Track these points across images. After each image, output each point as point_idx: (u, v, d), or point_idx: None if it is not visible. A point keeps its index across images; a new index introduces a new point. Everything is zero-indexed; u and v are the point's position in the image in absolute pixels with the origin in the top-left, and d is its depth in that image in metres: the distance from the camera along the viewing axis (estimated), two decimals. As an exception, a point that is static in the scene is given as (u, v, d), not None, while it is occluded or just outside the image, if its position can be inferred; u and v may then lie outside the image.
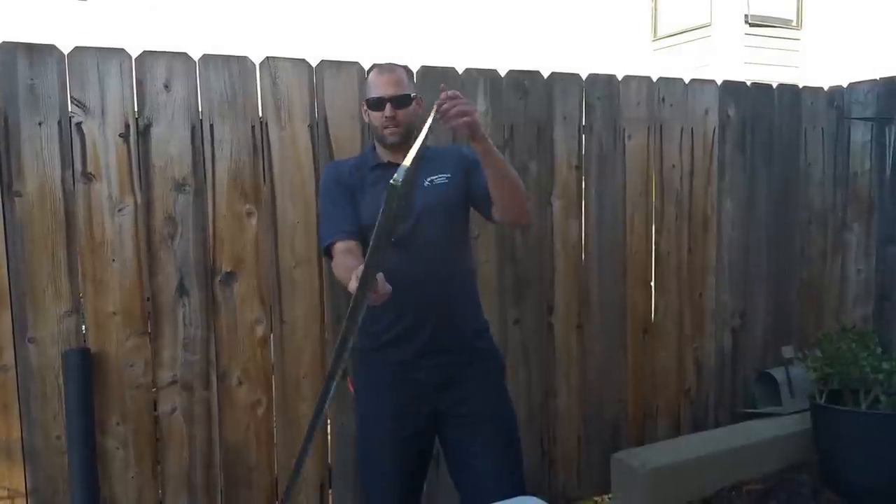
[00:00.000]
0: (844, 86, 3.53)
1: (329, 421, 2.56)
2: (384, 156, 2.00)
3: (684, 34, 7.74)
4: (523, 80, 2.79)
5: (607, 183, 3.01)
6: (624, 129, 3.03)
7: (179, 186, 2.27)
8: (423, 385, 1.96)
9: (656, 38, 8.17)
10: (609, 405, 3.09)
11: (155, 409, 2.30)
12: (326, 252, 1.96)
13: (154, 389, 2.29)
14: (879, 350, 2.94)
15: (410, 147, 1.97)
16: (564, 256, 2.92)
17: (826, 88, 3.55)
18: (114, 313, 2.21)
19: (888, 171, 3.33)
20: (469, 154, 2.07)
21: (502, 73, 2.76)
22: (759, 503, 2.87)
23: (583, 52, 7.50)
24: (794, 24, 7.56)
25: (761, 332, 3.48)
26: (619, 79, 3.02)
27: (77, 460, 2.13)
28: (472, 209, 2.05)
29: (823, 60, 7.33)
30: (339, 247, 1.89)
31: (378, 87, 1.93)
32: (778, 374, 3.37)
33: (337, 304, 2.51)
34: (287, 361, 2.47)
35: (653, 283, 3.18)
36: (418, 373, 1.96)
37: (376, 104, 1.92)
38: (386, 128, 1.93)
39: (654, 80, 3.12)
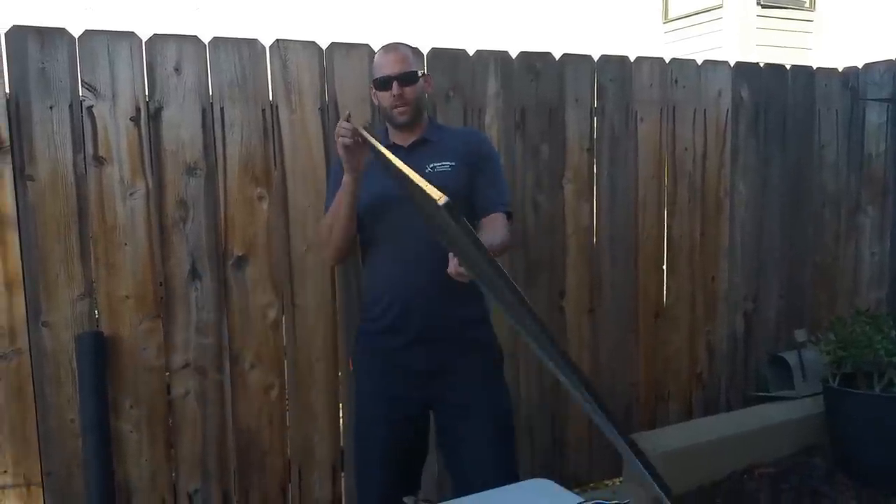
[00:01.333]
0: (859, 67, 3.49)
1: (341, 404, 2.56)
2: (393, 137, 1.99)
3: (696, 16, 7.66)
4: (535, 62, 2.77)
5: (619, 166, 2.99)
6: (636, 112, 3.00)
7: (191, 170, 2.26)
8: (416, 372, 1.96)
9: (667, 21, 8.09)
10: (621, 389, 3.08)
11: (168, 393, 2.31)
12: None
13: (167, 373, 2.30)
14: (894, 333, 2.92)
15: (415, 129, 1.96)
16: (576, 240, 2.90)
17: (840, 70, 3.50)
18: (126, 297, 2.21)
19: (903, 153, 3.30)
20: (482, 146, 2.06)
21: (513, 54, 2.74)
22: (771, 486, 2.86)
23: (594, 35, 7.42)
24: (807, 4, 7.47)
25: (774, 315, 3.46)
26: (632, 60, 2.99)
27: (91, 443, 2.15)
28: None
29: (837, 42, 7.24)
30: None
31: (384, 67, 1.92)
32: (790, 357, 3.36)
33: (348, 288, 2.51)
34: (299, 345, 2.48)
35: (665, 267, 3.16)
36: (410, 359, 1.95)
37: (383, 84, 1.91)
38: (395, 107, 1.92)
39: (667, 61, 3.09)
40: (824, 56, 6.71)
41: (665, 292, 3.17)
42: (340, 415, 2.57)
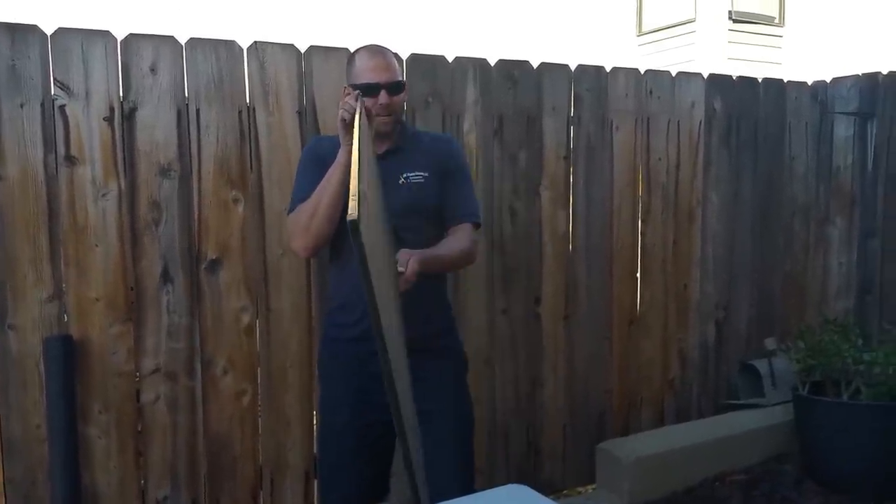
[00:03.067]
0: (828, 81, 3.56)
1: (315, 410, 2.54)
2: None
3: (669, 29, 7.78)
4: (513, 70, 2.78)
5: (595, 175, 3.01)
6: (612, 121, 3.03)
7: (165, 171, 2.23)
8: (381, 377, 1.94)
9: (641, 34, 8.20)
10: (595, 396, 3.09)
11: (138, 398, 2.26)
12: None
13: (137, 378, 2.26)
14: (860, 342, 2.98)
15: (395, 136, 1.94)
16: (552, 247, 2.91)
17: (810, 83, 3.57)
18: (96, 300, 2.17)
19: (870, 166, 3.37)
20: (452, 157, 2.02)
21: (491, 62, 2.75)
22: (742, 493, 2.89)
23: (569, 46, 7.49)
24: (776, 20, 7.62)
25: (745, 324, 3.51)
26: (608, 70, 3.02)
27: (58, 449, 2.10)
28: None
29: (804, 57, 7.39)
30: (302, 205, 1.90)
31: (371, 72, 1.85)
32: (761, 365, 3.40)
33: (324, 293, 2.49)
34: (273, 350, 2.45)
35: (639, 275, 3.19)
36: (378, 366, 1.93)
37: (370, 90, 1.84)
38: (379, 115, 1.87)
39: (642, 72, 3.13)
40: (792, 70, 6.85)
41: (639, 300, 3.20)
42: (314, 421, 2.55)
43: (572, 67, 2.92)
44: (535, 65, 2.84)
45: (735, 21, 7.35)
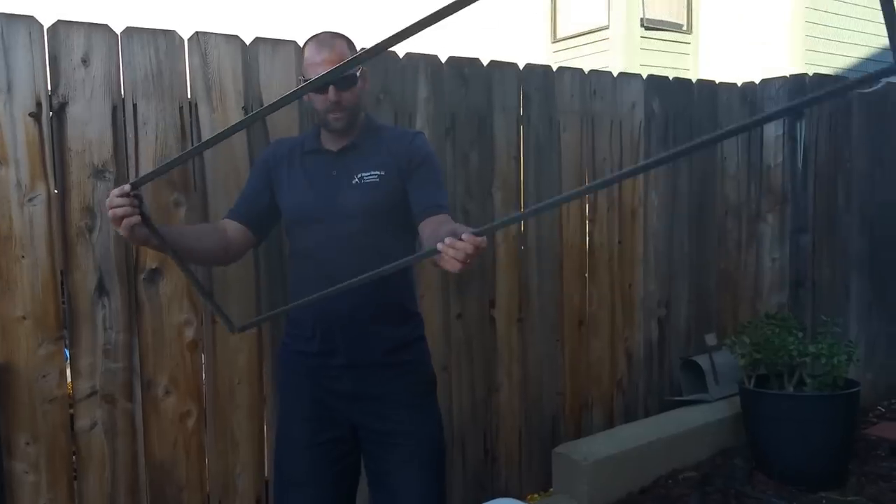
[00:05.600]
0: (756, 82, 3.67)
1: (266, 429, 2.37)
2: (325, 141, 1.85)
3: (583, 36, 7.92)
4: (464, 68, 2.71)
5: (544, 175, 2.97)
6: (559, 122, 3.00)
7: (99, 173, 2.02)
8: (340, 394, 1.83)
9: (556, 40, 8.33)
10: (548, 399, 3.05)
11: (72, 426, 2.03)
12: None
13: (71, 403, 2.03)
14: (801, 335, 3.06)
15: (356, 128, 1.81)
16: (505, 248, 2.85)
17: (739, 85, 3.68)
18: (23, 318, 1.93)
19: (800, 164, 3.49)
20: (413, 151, 1.84)
21: (442, 58, 2.66)
22: (697, 490, 2.91)
23: (484, 51, 7.50)
24: (684, 28, 7.90)
25: (684, 320, 3.56)
26: (554, 70, 2.99)
27: (-20, 488, 1.85)
28: None
29: (711, 64, 7.70)
30: (223, 223, 1.86)
31: (318, 66, 1.71)
32: (703, 361, 3.46)
33: (274, 302, 2.33)
34: (220, 367, 2.26)
35: (587, 275, 3.17)
36: (335, 382, 1.83)
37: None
38: (330, 112, 1.75)
39: (586, 72, 3.12)
40: (700, 77, 7.11)
41: (588, 300, 3.18)
42: (265, 440, 2.38)
43: (521, 66, 2.88)
44: (485, 62, 2.77)
45: (647, 28, 7.57)
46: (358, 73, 1.77)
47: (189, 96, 2.14)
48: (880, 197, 4.02)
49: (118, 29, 2.01)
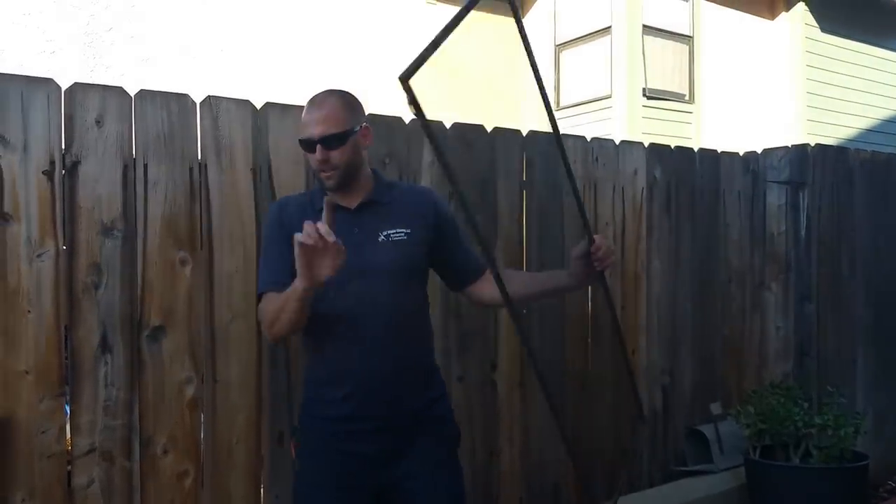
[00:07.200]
0: (759, 152, 3.73)
1: (263, 490, 2.34)
2: (333, 198, 1.87)
3: (587, 104, 8.08)
4: (467, 133, 2.77)
5: (548, 239, 3.00)
6: (562, 187, 3.05)
7: (107, 230, 2.05)
8: (368, 457, 1.79)
9: (559, 108, 8.49)
10: (550, 465, 3.00)
11: (69, 483, 2.01)
12: (259, 298, 1.81)
13: (69, 459, 2.02)
14: (806, 405, 3.03)
15: (359, 189, 1.83)
16: (507, 312, 2.85)
17: (742, 154, 3.74)
18: (26, 372, 1.94)
19: (803, 233, 3.51)
20: (441, 207, 1.90)
21: (447, 124, 2.73)
22: (702, 563, 2.84)
23: (490, 117, 7.66)
24: (686, 98, 8.06)
25: (689, 388, 3.52)
26: (557, 136, 3.05)
27: (-29, 547, 1.83)
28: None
29: (713, 133, 7.83)
30: (271, 296, 1.72)
31: (307, 126, 1.73)
32: (707, 430, 3.41)
33: (276, 361, 2.33)
34: (219, 425, 2.25)
35: (590, 341, 3.16)
36: (363, 445, 1.78)
37: (307, 145, 1.74)
38: (321, 171, 1.75)
39: (588, 139, 3.18)
40: (702, 145, 7.22)
41: (590, 366, 3.16)
42: (260, 502, 2.34)
43: (524, 132, 2.94)
44: (488, 129, 2.84)
45: (649, 98, 7.73)
46: (356, 129, 1.76)
47: (199, 157, 2.20)
48: (885, 267, 4.03)
49: (132, 91, 2.08)
